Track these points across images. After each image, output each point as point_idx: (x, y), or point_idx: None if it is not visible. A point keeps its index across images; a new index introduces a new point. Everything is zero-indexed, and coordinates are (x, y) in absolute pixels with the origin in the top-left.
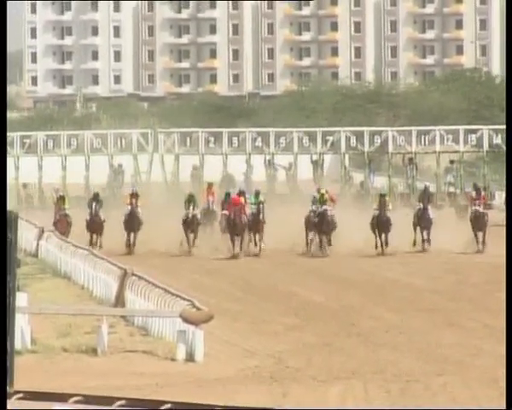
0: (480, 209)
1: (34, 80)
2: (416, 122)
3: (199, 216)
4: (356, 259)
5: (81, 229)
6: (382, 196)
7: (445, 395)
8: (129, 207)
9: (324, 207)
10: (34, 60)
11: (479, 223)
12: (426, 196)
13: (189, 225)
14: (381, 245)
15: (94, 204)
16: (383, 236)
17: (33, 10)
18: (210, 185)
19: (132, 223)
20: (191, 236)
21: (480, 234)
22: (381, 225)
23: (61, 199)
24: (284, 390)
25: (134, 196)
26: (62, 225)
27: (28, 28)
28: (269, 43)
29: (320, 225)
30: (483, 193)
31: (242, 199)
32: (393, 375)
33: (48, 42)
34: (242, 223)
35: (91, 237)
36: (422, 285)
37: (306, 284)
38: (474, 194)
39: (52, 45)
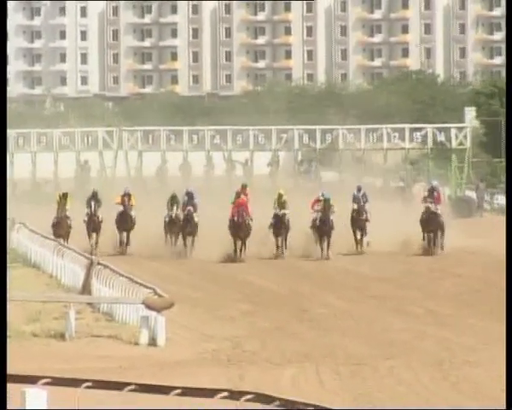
0: (432, 208)
1: None
2: (364, 121)
3: (181, 217)
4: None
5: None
6: (327, 200)
7: (392, 377)
8: (121, 207)
9: (283, 209)
10: None
11: (430, 224)
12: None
13: (172, 226)
14: (322, 249)
15: (93, 203)
16: (326, 239)
17: None
18: (244, 187)
19: (125, 223)
20: (173, 236)
21: (431, 236)
22: (322, 228)
23: (64, 197)
24: (241, 372)
25: (126, 195)
26: (62, 227)
27: None
28: (226, 47)
29: (276, 227)
30: (436, 192)
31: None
32: (343, 358)
33: (18, 45)
34: (246, 225)
35: (89, 235)
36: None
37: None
38: (425, 193)
39: (22, 48)
